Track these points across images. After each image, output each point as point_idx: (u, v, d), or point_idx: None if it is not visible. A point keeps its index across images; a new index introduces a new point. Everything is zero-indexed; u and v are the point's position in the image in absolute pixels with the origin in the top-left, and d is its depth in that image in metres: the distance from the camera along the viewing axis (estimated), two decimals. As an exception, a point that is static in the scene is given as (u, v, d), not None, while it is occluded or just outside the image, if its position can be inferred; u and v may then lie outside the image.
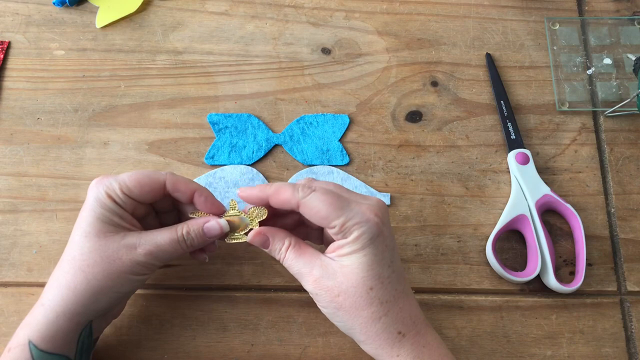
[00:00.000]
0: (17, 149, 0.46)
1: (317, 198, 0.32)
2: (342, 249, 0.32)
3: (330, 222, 0.32)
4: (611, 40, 0.51)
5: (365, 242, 0.32)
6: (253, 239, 0.35)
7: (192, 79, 0.49)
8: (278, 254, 0.34)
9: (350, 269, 0.32)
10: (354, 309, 0.32)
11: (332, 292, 0.32)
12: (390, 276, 0.32)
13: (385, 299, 0.32)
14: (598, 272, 0.44)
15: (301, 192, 0.32)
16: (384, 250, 0.32)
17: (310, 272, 0.33)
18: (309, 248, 0.34)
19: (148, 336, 0.41)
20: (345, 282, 0.32)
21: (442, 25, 0.52)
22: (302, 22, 0.51)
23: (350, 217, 0.32)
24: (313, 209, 0.32)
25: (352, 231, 0.32)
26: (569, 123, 0.49)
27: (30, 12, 0.51)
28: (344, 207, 0.32)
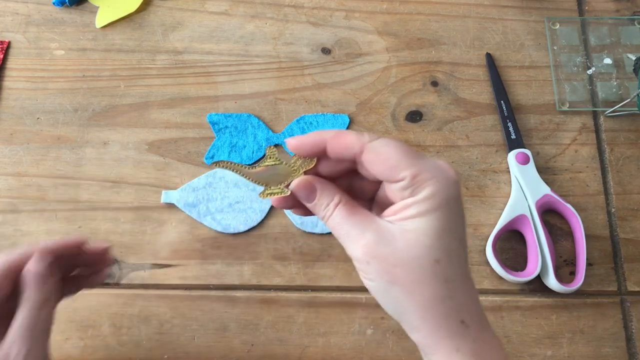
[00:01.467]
0: (17, 149, 0.46)
1: (386, 143, 0.27)
2: (408, 210, 0.26)
3: (400, 172, 0.26)
4: (611, 40, 0.51)
5: (440, 202, 0.26)
6: (297, 188, 0.29)
7: (192, 79, 0.49)
8: (324, 210, 0.28)
9: (415, 234, 0.26)
10: (413, 284, 0.26)
11: (387, 261, 0.26)
12: (459, 251, 0.27)
13: (452, 278, 0.26)
14: (598, 272, 0.44)
15: (367, 135, 0.27)
16: (457, 218, 0.26)
17: (361, 235, 0.27)
18: (361, 209, 0.28)
19: (148, 336, 0.41)
20: (406, 251, 0.26)
21: (442, 25, 0.52)
22: (302, 22, 0.51)
23: (425, 168, 0.26)
24: (381, 155, 0.26)
25: (424, 187, 0.26)
26: (569, 123, 0.49)
27: (30, 12, 0.51)
28: (417, 156, 0.26)
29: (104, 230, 0.44)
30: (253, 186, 0.45)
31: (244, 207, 0.44)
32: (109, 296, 0.42)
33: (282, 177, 0.29)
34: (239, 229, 0.44)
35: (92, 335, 0.41)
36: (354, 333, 0.42)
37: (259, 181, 0.29)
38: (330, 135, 0.28)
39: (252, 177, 0.30)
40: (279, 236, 0.44)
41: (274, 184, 0.29)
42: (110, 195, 0.45)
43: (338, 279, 0.43)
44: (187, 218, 0.44)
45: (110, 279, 0.43)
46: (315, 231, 0.44)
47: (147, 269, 0.43)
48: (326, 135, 0.28)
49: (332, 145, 0.28)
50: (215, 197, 0.44)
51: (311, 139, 0.28)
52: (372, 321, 0.42)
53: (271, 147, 0.30)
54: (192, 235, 0.44)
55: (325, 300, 0.42)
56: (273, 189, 0.29)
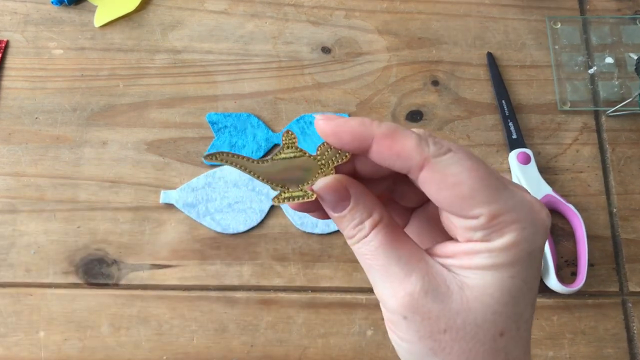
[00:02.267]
0: (16, 149, 0.46)
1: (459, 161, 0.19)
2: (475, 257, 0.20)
3: (473, 207, 0.19)
4: (613, 39, 0.51)
5: (521, 256, 0.19)
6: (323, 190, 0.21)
7: (191, 78, 0.49)
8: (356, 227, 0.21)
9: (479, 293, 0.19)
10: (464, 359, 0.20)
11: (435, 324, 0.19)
12: (529, 320, 0.21)
13: (514, 356, 0.20)
14: (600, 272, 0.43)
15: (433, 145, 0.20)
16: (536, 276, 0.20)
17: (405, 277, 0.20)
18: (409, 239, 0.21)
19: (147, 337, 0.41)
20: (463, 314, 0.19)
21: (443, 24, 0.51)
22: (302, 21, 0.51)
23: (510, 207, 0.19)
24: (450, 178, 0.19)
25: (506, 232, 0.19)
26: (571, 122, 0.48)
27: (29, 11, 0.51)
28: (499, 188, 0.19)
29: (102, 231, 0.43)
30: (262, 186, 0.45)
31: (243, 207, 0.44)
32: (108, 297, 0.42)
33: (303, 173, 0.22)
34: (239, 229, 0.43)
35: (91, 335, 0.41)
36: (354, 334, 0.41)
37: (272, 180, 0.22)
38: (381, 131, 0.20)
39: (262, 175, 0.22)
40: (279, 236, 0.44)
41: (292, 183, 0.21)
42: (109, 195, 0.45)
43: (338, 280, 0.43)
44: (187, 218, 0.44)
45: (109, 280, 0.42)
46: (315, 231, 0.43)
47: (146, 269, 0.43)
48: (375, 129, 0.20)
49: (382, 147, 0.20)
50: (215, 197, 0.44)
51: (353, 129, 0.20)
52: (372, 322, 0.42)
53: (289, 131, 0.22)
54: (192, 235, 0.44)
55: (325, 301, 0.42)
56: (293, 191, 0.22)
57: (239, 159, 0.22)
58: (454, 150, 0.20)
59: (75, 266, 0.43)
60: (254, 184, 0.45)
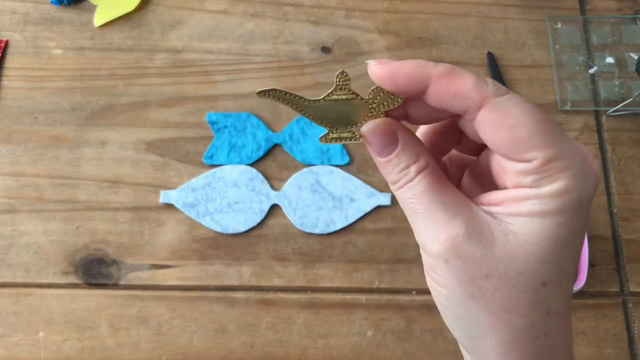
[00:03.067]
0: (15, 149, 0.46)
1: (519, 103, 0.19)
2: (523, 204, 0.19)
3: (529, 150, 0.18)
4: (613, 39, 0.51)
5: (571, 204, 0.19)
6: (371, 133, 0.21)
7: (191, 78, 0.48)
8: (401, 172, 0.21)
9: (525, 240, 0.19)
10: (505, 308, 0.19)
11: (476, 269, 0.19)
12: (571, 274, 0.20)
13: (556, 310, 0.20)
14: (600, 272, 0.43)
15: (492, 85, 0.19)
16: (583, 227, 0.20)
17: (449, 221, 0.20)
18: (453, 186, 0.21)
19: (146, 337, 0.41)
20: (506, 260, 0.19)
21: (443, 24, 0.51)
22: (301, 21, 0.51)
23: (565, 153, 0.19)
24: (510, 119, 0.19)
25: (557, 178, 0.18)
26: (571, 122, 0.48)
27: (28, 11, 0.50)
28: (557, 133, 0.19)
29: (102, 231, 0.43)
30: (262, 186, 0.45)
31: (243, 207, 0.44)
32: (108, 297, 0.42)
33: (353, 115, 0.22)
34: (238, 229, 0.43)
35: (90, 336, 0.41)
36: (354, 334, 0.41)
37: (322, 120, 0.22)
38: (438, 71, 0.19)
39: (313, 114, 0.22)
40: (279, 236, 0.44)
41: (341, 124, 0.22)
42: (108, 196, 0.44)
43: (338, 280, 0.43)
44: (186, 218, 0.44)
45: (109, 280, 0.42)
46: (315, 231, 0.43)
47: (145, 269, 0.42)
48: (432, 70, 0.20)
49: (439, 87, 0.20)
50: (215, 197, 0.44)
51: (409, 71, 0.20)
52: (372, 322, 0.42)
53: (344, 72, 0.22)
54: (191, 235, 0.43)
55: (325, 301, 0.42)
56: (340, 132, 0.22)
57: (290, 96, 0.22)
58: (511, 95, 0.19)
59: (75, 266, 0.42)
60: (254, 184, 0.45)
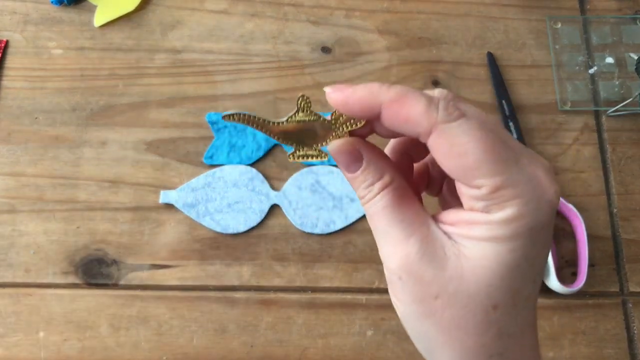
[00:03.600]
0: (15, 149, 0.46)
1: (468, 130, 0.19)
2: (475, 228, 0.19)
3: (477, 177, 0.19)
4: (613, 39, 0.51)
5: (521, 231, 0.19)
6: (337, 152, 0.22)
7: (191, 78, 0.48)
8: (366, 188, 0.21)
9: (475, 264, 0.19)
10: (454, 327, 0.20)
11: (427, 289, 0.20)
12: (530, 297, 0.20)
13: (509, 332, 0.20)
14: (600, 272, 0.43)
15: (443, 111, 0.19)
16: (539, 252, 0.20)
17: (404, 240, 0.20)
18: (415, 202, 0.21)
19: (146, 337, 0.41)
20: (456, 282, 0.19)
21: (443, 24, 0.51)
22: (302, 21, 0.51)
23: (515, 181, 0.19)
24: (456, 146, 0.19)
25: (507, 206, 0.19)
26: (571, 123, 0.48)
27: (28, 11, 0.50)
28: (508, 159, 0.19)
29: (102, 231, 0.43)
30: (262, 186, 0.45)
31: (243, 207, 0.44)
32: (107, 297, 0.42)
33: (319, 135, 0.22)
34: (238, 230, 0.43)
35: (90, 336, 0.41)
36: (354, 334, 0.41)
37: (287, 139, 0.23)
38: (389, 96, 0.20)
39: (278, 135, 0.23)
40: (279, 236, 0.44)
41: (307, 143, 0.23)
42: (108, 196, 0.44)
43: (338, 280, 0.43)
44: (186, 218, 0.44)
45: (109, 280, 0.42)
46: (315, 232, 0.43)
47: (145, 269, 0.42)
48: (383, 96, 0.20)
49: (390, 112, 0.20)
50: (215, 197, 0.44)
51: (361, 99, 0.20)
52: (372, 322, 0.42)
53: (304, 95, 0.22)
54: (191, 235, 0.43)
55: (325, 301, 0.42)
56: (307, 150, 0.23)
57: (255, 119, 0.23)
58: (466, 117, 0.19)
59: (75, 266, 0.43)
60: (254, 184, 0.45)
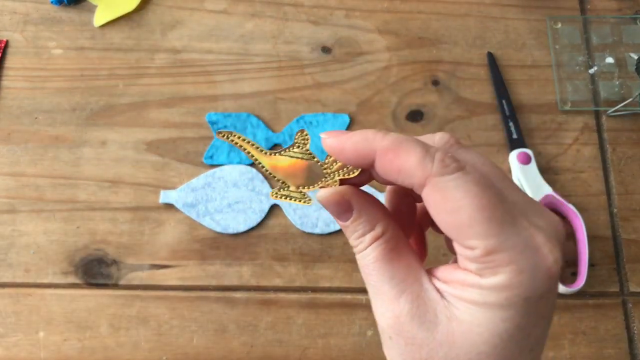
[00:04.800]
0: (15, 149, 0.46)
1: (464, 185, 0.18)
2: (469, 291, 0.19)
3: (469, 237, 0.18)
4: (613, 39, 0.51)
5: (514, 300, 0.18)
6: (326, 200, 0.21)
7: (191, 78, 0.48)
8: (357, 239, 0.21)
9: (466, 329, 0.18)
10: None
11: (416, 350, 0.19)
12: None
13: None
14: (600, 272, 0.43)
15: (438, 162, 0.18)
16: (536, 323, 0.19)
17: (395, 298, 0.20)
18: (409, 254, 0.21)
19: (146, 337, 0.41)
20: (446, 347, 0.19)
21: (443, 24, 0.51)
22: (301, 21, 0.51)
23: (509, 245, 0.18)
24: (449, 202, 0.18)
25: (500, 272, 0.18)
26: (571, 122, 0.48)
27: (28, 11, 0.50)
28: (504, 221, 0.18)
29: (102, 231, 0.43)
30: (262, 186, 0.45)
31: (243, 207, 0.44)
32: (107, 297, 0.42)
33: (307, 176, 0.21)
34: (238, 229, 0.43)
35: (90, 336, 0.41)
36: (354, 334, 0.41)
37: (276, 174, 0.22)
38: (383, 145, 0.19)
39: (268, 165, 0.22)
40: (279, 237, 0.44)
41: (295, 182, 0.21)
42: (108, 196, 0.44)
43: (338, 280, 0.43)
44: (186, 218, 0.44)
45: (109, 280, 0.42)
46: (315, 231, 0.43)
47: (145, 269, 0.42)
48: (378, 144, 0.19)
49: (384, 162, 0.19)
50: (215, 197, 0.44)
51: (355, 146, 0.20)
52: (372, 322, 0.42)
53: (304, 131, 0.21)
54: (191, 235, 0.43)
55: (325, 301, 0.42)
56: (291, 191, 0.21)
57: (248, 144, 0.22)
58: (464, 170, 0.18)
59: (75, 266, 0.42)
60: (254, 184, 0.45)
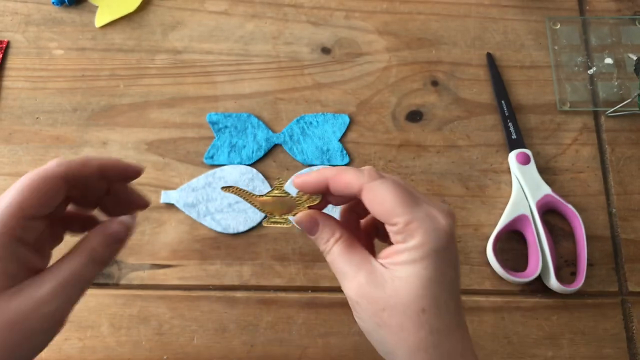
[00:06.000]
0: (16, 149, 0.46)
1: (385, 186, 0.28)
2: (399, 256, 0.27)
3: (393, 217, 0.27)
4: (612, 39, 0.51)
5: (428, 252, 0.27)
6: (301, 221, 0.31)
7: (192, 79, 0.49)
8: (324, 244, 0.30)
9: (404, 282, 0.27)
10: (399, 329, 0.27)
11: (376, 305, 0.27)
12: (448, 302, 0.27)
13: (437, 328, 0.27)
14: (599, 272, 0.44)
15: (367, 176, 0.28)
16: (447, 268, 0.27)
17: (355, 275, 0.28)
18: (359, 247, 0.30)
19: (147, 337, 0.41)
20: (394, 297, 0.27)
21: (443, 25, 0.51)
22: (301, 22, 0.51)
23: (417, 217, 0.27)
24: (378, 197, 0.28)
25: (415, 235, 0.27)
26: (570, 123, 0.48)
27: (30, 12, 0.51)
28: (412, 204, 0.27)
29: (103, 231, 0.43)
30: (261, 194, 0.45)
31: (243, 207, 0.44)
32: (108, 297, 0.42)
33: (287, 208, 0.32)
34: (239, 229, 0.44)
35: (91, 335, 0.41)
36: (354, 334, 0.41)
37: (265, 209, 0.32)
38: (332, 173, 0.29)
39: (259, 205, 0.32)
40: (279, 236, 0.44)
41: (278, 212, 0.32)
42: (109, 195, 0.45)
43: (338, 280, 0.43)
44: (187, 218, 0.44)
45: (110, 279, 0.42)
46: (315, 231, 0.44)
47: (146, 269, 0.43)
48: (328, 173, 0.29)
49: (333, 184, 0.29)
50: (215, 197, 0.44)
51: (314, 178, 0.30)
52: (372, 322, 0.42)
53: (280, 179, 0.33)
54: (192, 235, 0.44)
55: (325, 300, 0.42)
56: (277, 218, 0.32)
57: (244, 192, 0.33)
58: (383, 179, 0.28)
59: (76, 266, 0.43)
60: (254, 184, 0.45)
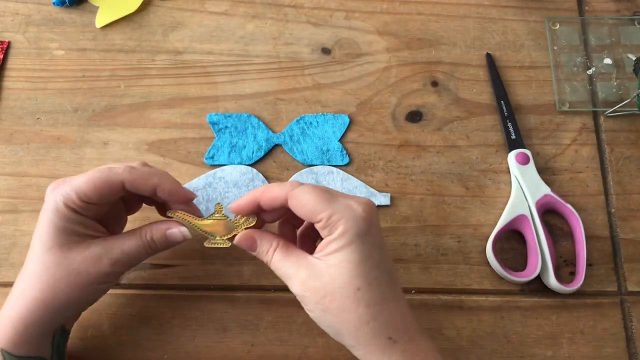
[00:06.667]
0: (17, 149, 0.46)
1: (305, 190, 0.32)
2: (329, 247, 0.31)
3: (317, 215, 0.31)
4: (611, 40, 0.51)
5: (352, 237, 0.31)
6: (240, 242, 0.35)
7: (192, 79, 0.49)
8: (265, 256, 0.34)
9: (337, 268, 0.31)
10: (340, 311, 0.31)
11: (318, 294, 0.31)
12: (379, 277, 0.31)
13: (373, 302, 0.31)
14: (598, 272, 0.44)
15: (289, 186, 0.33)
16: (371, 249, 0.31)
17: (296, 274, 0.32)
18: (296, 249, 0.33)
19: (147, 337, 0.41)
20: (331, 283, 0.31)
21: (442, 25, 0.52)
22: (302, 22, 0.51)
23: (337, 210, 0.31)
24: (301, 201, 0.32)
25: (337, 226, 0.31)
26: (569, 123, 0.48)
27: (30, 12, 0.51)
28: (331, 200, 0.31)
29: (103, 231, 0.44)
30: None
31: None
32: (109, 296, 0.42)
33: (227, 230, 0.35)
34: (239, 229, 0.44)
35: (92, 335, 0.41)
36: (354, 333, 0.41)
37: (207, 232, 0.36)
38: (260, 191, 0.33)
39: (202, 228, 0.36)
40: (279, 236, 0.44)
41: (219, 234, 0.36)
42: (110, 196, 0.45)
43: (338, 279, 0.43)
44: (187, 218, 0.44)
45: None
46: (315, 231, 0.44)
47: (147, 269, 0.43)
48: (257, 192, 0.34)
49: (263, 200, 0.33)
50: (215, 198, 0.44)
51: (246, 201, 0.34)
52: (372, 321, 0.42)
53: (219, 204, 0.36)
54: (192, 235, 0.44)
55: (325, 300, 0.42)
56: (217, 239, 0.36)
57: (188, 217, 0.36)
58: (303, 185, 0.32)
59: (77, 266, 0.43)
60: (254, 185, 0.45)
